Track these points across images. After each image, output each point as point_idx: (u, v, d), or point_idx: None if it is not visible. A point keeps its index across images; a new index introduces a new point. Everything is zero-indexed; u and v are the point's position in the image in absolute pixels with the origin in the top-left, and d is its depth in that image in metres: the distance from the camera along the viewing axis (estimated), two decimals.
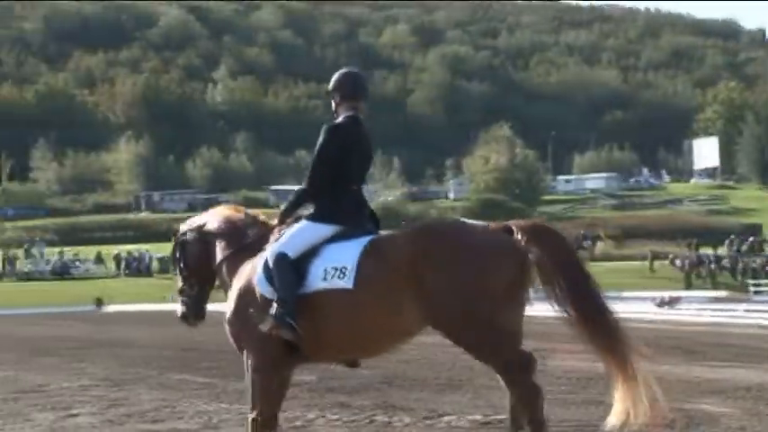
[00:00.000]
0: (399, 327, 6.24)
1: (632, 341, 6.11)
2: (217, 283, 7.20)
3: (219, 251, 7.04)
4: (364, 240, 6.38)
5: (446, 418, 9.28)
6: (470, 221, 6.57)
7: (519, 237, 6.13)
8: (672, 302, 31.11)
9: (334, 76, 6.85)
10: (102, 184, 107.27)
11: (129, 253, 61.65)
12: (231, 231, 7.06)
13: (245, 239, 6.93)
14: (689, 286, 48.14)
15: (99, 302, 40.81)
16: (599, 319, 6.16)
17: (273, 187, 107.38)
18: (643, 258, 58.26)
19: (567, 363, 13.79)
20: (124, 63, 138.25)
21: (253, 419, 6.63)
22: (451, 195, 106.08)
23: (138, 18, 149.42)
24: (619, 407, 6.04)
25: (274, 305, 6.35)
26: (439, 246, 6.11)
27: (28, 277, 57.82)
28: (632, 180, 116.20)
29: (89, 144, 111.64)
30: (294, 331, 6.30)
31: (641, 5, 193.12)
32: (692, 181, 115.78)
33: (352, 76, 6.84)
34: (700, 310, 29.35)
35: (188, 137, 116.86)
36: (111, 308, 39.51)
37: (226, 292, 6.98)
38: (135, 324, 28.55)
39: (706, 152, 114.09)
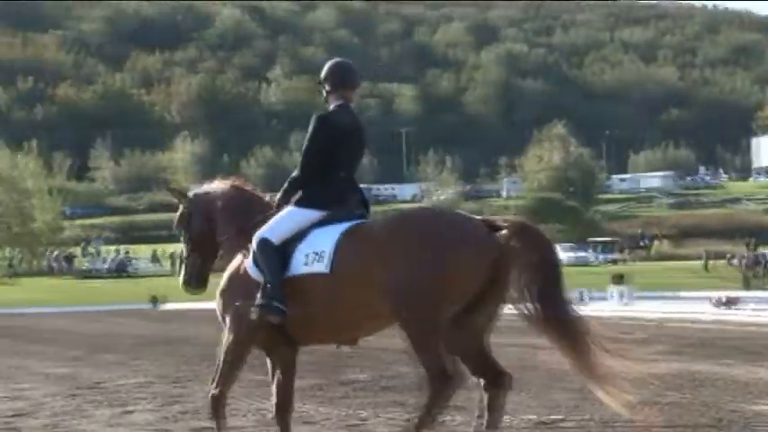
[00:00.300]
0: (374, 311, 6.32)
1: (600, 340, 6.18)
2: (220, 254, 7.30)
3: (222, 229, 7.17)
4: (345, 226, 6.47)
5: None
6: (455, 212, 6.65)
7: (502, 233, 6.14)
8: (730, 303, 30.63)
9: (326, 66, 7.02)
10: (158, 182, 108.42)
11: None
12: (236, 211, 7.16)
13: (247, 221, 6.99)
14: (747, 286, 47.41)
15: (155, 300, 41.16)
16: (568, 321, 6.21)
17: None
18: (699, 258, 57.55)
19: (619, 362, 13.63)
20: (181, 63, 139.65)
21: (212, 395, 6.96)
22: (505, 194, 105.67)
23: (195, 18, 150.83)
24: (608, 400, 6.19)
25: (261, 291, 6.49)
26: (406, 232, 6.19)
27: (86, 275, 58.66)
28: (689, 179, 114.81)
29: (146, 143, 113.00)
30: (282, 314, 6.43)
31: (699, 3, 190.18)
32: (751, 179, 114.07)
33: (342, 66, 7.01)
34: (758, 310, 28.87)
35: (243, 136, 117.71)
36: (166, 306, 39.84)
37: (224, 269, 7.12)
38: (190, 322, 28.78)
39: (766, 150, 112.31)
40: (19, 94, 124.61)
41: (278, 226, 6.67)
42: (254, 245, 6.67)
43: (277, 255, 6.54)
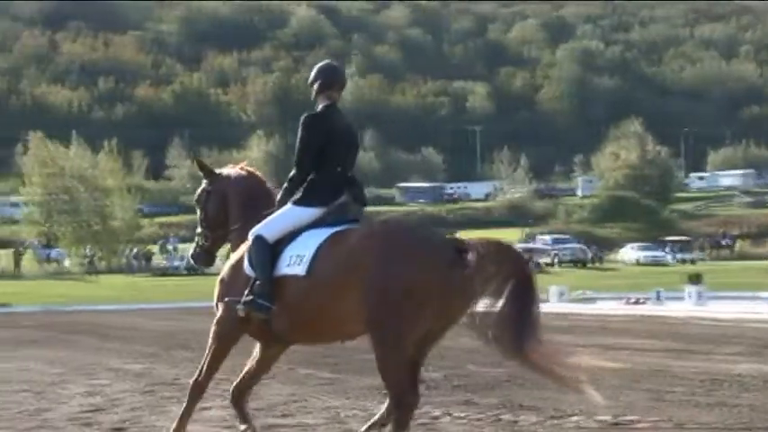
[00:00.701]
0: (346, 317, 6.43)
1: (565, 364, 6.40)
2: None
3: (234, 218, 7.42)
4: (331, 231, 6.65)
5: (574, 419, 9.16)
6: (427, 228, 6.92)
7: (471, 253, 6.20)
8: None
9: (314, 69, 7.32)
10: None
11: None
12: (248, 203, 7.38)
13: (256, 214, 7.18)
14: None
15: None
16: (536, 347, 6.35)
17: (400, 185, 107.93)
18: None
19: (695, 363, 13.45)
20: (256, 63, 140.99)
21: (194, 382, 7.30)
22: (580, 192, 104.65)
23: (270, 19, 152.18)
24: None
25: (249, 287, 6.74)
26: (379, 244, 6.31)
27: (163, 273, 59.50)
28: None
29: (222, 142, 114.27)
30: (267, 311, 6.67)
31: None
32: None
33: (329, 68, 7.32)
34: None
35: None
36: None
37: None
38: None
39: None
40: (100, 93, 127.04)
41: (274, 224, 6.88)
42: (249, 240, 6.91)
43: (268, 252, 6.73)
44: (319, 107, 7.18)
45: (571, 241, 67.47)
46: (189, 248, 8.08)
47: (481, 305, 6.26)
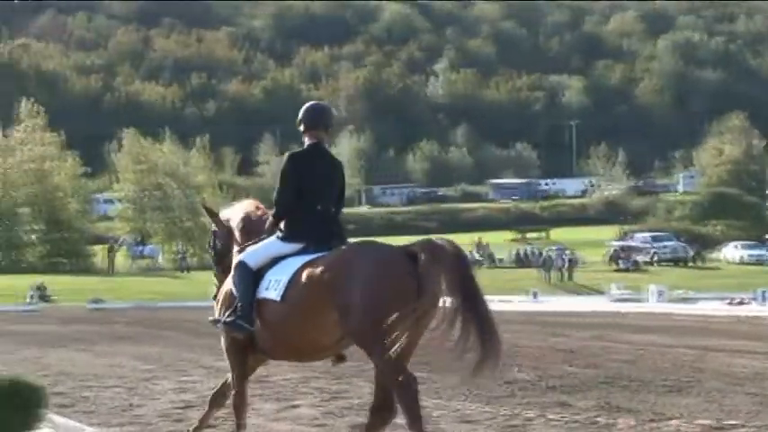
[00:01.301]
0: (320, 336, 6.92)
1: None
2: None
3: (235, 245, 7.87)
4: (306, 258, 7.10)
5: (673, 422, 8.99)
6: (380, 244, 7.15)
7: (421, 257, 6.63)
8: None
9: (302, 109, 7.83)
10: None
11: None
12: (247, 230, 7.84)
13: (254, 238, 7.66)
14: None
15: None
16: (486, 338, 6.50)
17: (493, 181, 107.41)
18: None
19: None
20: (347, 57, 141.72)
21: (234, 395, 7.82)
22: (680, 189, 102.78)
23: (361, 13, 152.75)
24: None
25: (232, 308, 7.33)
26: (348, 266, 6.76)
27: None
28: None
29: None
30: (246, 331, 7.23)
31: None
32: None
33: (315, 109, 7.81)
34: None
35: (408, 130, 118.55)
36: None
37: None
38: None
39: None
40: (192, 90, 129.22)
41: (256, 253, 7.42)
42: (233, 265, 7.52)
43: (250, 278, 7.28)
44: (305, 146, 7.66)
45: (670, 239, 66.33)
46: None
47: (445, 303, 6.57)
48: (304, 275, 6.93)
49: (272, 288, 7.13)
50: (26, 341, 21.23)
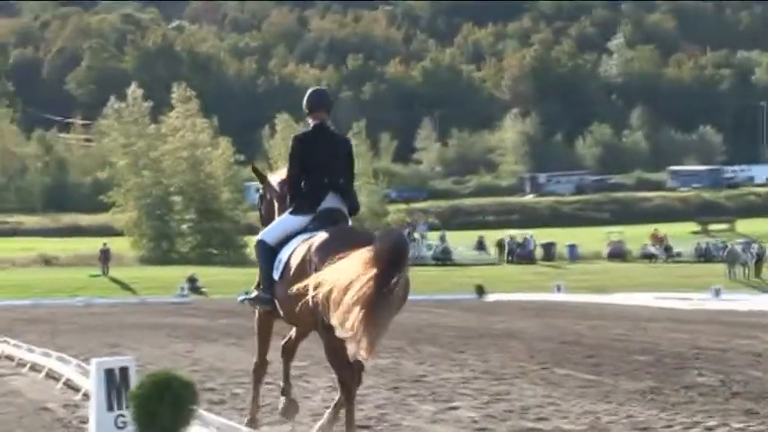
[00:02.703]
0: (313, 309, 7.68)
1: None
2: None
3: (276, 211, 9.05)
4: (302, 238, 8.28)
5: None
6: (360, 230, 8.53)
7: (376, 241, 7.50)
8: None
9: (306, 94, 8.97)
10: (486, 165, 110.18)
11: (512, 238, 62.83)
12: (283, 196, 8.92)
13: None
14: None
15: (480, 290, 41.75)
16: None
17: (672, 168, 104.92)
18: None
19: None
20: (513, 36, 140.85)
21: (254, 364, 9.21)
22: None
23: None
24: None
25: (256, 283, 8.69)
26: (326, 243, 7.85)
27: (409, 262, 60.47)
28: None
29: (474, 123, 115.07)
30: (269, 304, 8.50)
31: None
32: None
33: (317, 93, 8.99)
34: None
35: (578, 113, 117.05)
36: (492, 296, 40.39)
37: None
38: (517, 314, 29.02)
39: None
40: (348, 72, 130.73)
41: (273, 230, 8.71)
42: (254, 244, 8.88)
43: (270, 254, 8.52)
44: (310, 127, 8.85)
45: None
46: (436, 236, 9.12)
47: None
48: (297, 254, 8.13)
49: (276, 268, 8.36)
50: (177, 334, 21.98)
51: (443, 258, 60.81)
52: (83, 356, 13.92)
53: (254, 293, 8.71)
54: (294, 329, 9.05)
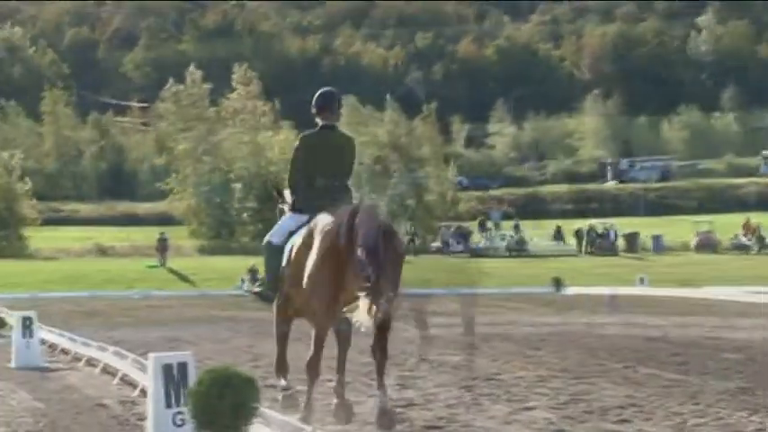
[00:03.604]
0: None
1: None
2: None
3: None
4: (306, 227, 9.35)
5: None
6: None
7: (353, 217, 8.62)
8: None
9: (315, 95, 9.89)
10: (564, 150, 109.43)
11: (592, 228, 62.39)
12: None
13: None
14: None
15: (558, 283, 41.55)
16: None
17: (766, 152, 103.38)
18: None
19: None
20: (594, 11, 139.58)
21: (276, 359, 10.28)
22: None
23: None
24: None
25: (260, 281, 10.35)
26: (318, 230, 8.99)
27: (481, 253, 60.26)
28: None
29: (551, 105, 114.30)
30: (269, 300, 9.85)
31: None
32: None
33: (323, 95, 9.88)
34: None
35: (664, 94, 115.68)
36: (570, 290, 40.18)
37: None
38: (596, 308, 28.86)
39: None
40: (417, 51, 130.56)
41: (279, 229, 9.88)
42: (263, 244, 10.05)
43: (276, 254, 9.65)
44: (317, 127, 9.78)
45: None
46: (510, 225, 9.89)
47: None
48: (302, 242, 9.17)
49: (284, 258, 9.46)
50: (238, 329, 22.22)
51: (518, 249, 60.61)
52: (140, 351, 14.12)
53: (257, 288, 10.43)
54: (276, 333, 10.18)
